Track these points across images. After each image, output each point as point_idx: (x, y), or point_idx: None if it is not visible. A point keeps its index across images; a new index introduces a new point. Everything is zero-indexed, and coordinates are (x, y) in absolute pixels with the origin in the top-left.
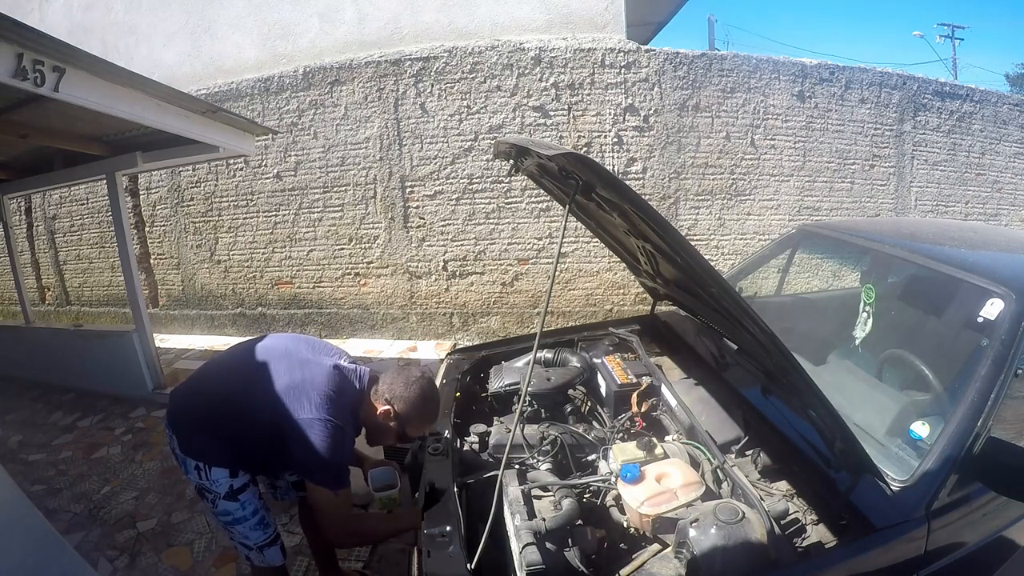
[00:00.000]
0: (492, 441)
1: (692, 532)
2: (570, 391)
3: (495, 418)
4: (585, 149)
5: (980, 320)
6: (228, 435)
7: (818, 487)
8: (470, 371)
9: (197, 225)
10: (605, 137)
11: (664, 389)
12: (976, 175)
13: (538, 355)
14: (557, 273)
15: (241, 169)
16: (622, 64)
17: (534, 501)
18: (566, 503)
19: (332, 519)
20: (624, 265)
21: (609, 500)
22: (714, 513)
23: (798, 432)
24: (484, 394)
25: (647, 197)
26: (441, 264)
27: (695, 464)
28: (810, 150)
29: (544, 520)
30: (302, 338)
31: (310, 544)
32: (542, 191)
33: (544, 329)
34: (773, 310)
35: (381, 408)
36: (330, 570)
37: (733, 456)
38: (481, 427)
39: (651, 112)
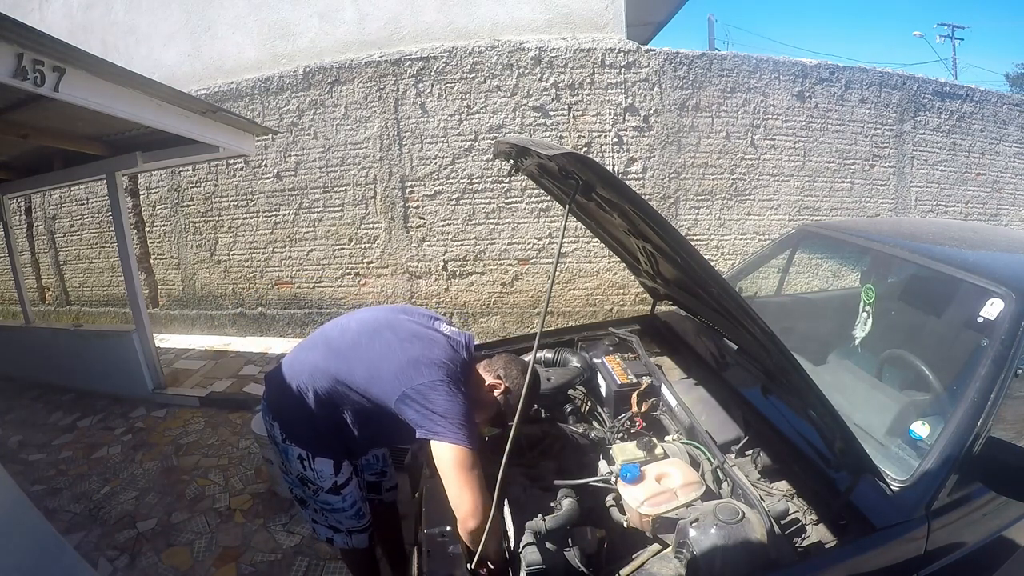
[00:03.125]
0: (492, 441)
1: (692, 532)
2: (570, 391)
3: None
4: (585, 149)
5: (980, 320)
6: (331, 418)
7: (818, 487)
8: None
9: (197, 225)
10: (605, 137)
11: (664, 389)
12: (976, 175)
13: (538, 355)
14: (557, 273)
15: (241, 169)
16: (622, 64)
17: (534, 501)
18: (566, 503)
19: (475, 491)
20: (624, 265)
21: (609, 500)
22: (714, 513)
23: (798, 432)
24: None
25: (647, 197)
26: (441, 264)
27: (695, 464)
28: (810, 150)
29: (544, 520)
30: (398, 307)
31: (380, 542)
32: (542, 191)
33: (544, 329)
34: (773, 310)
35: (492, 382)
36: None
37: (733, 456)
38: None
39: (651, 112)
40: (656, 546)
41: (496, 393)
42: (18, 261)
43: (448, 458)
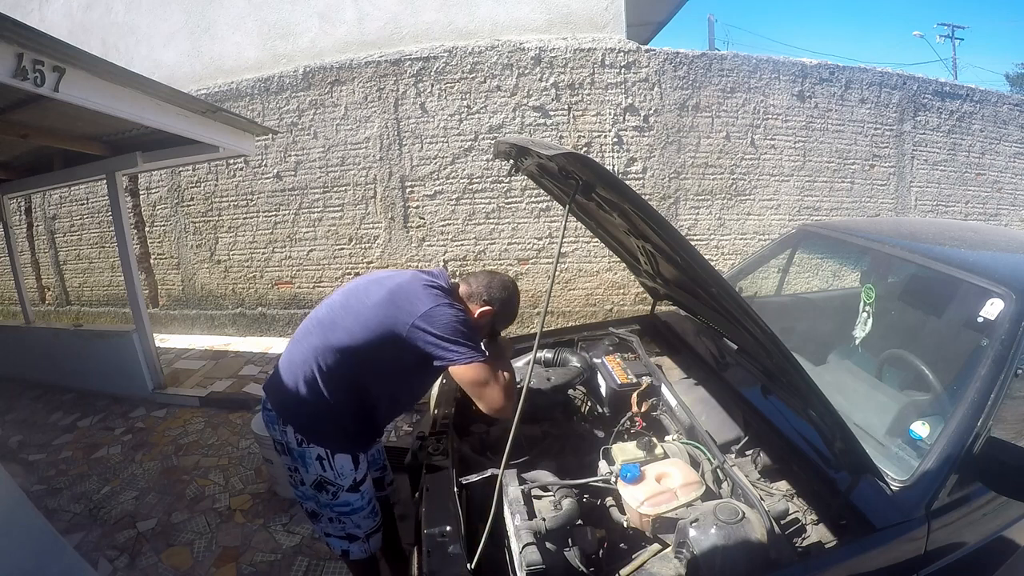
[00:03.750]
0: (492, 441)
1: (692, 532)
2: (570, 391)
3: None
4: (585, 149)
5: (980, 320)
6: (347, 398)
7: (818, 487)
8: None
9: (197, 225)
10: (605, 137)
11: (664, 389)
12: (976, 175)
13: (538, 355)
14: (557, 273)
15: (241, 169)
16: (622, 64)
17: (534, 501)
18: (566, 503)
19: (497, 386)
20: (624, 265)
21: (609, 500)
22: (714, 513)
23: (798, 432)
24: None
25: (647, 197)
26: (441, 264)
27: (695, 464)
28: (810, 150)
29: (544, 520)
30: (371, 273)
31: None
32: (542, 191)
33: (544, 329)
34: (773, 310)
35: (480, 308)
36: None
37: (733, 456)
38: (481, 427)
39: (651, 112)
40: (656, 546)
41: (482, 315)
42: (18, 261)
43: (467, 378)
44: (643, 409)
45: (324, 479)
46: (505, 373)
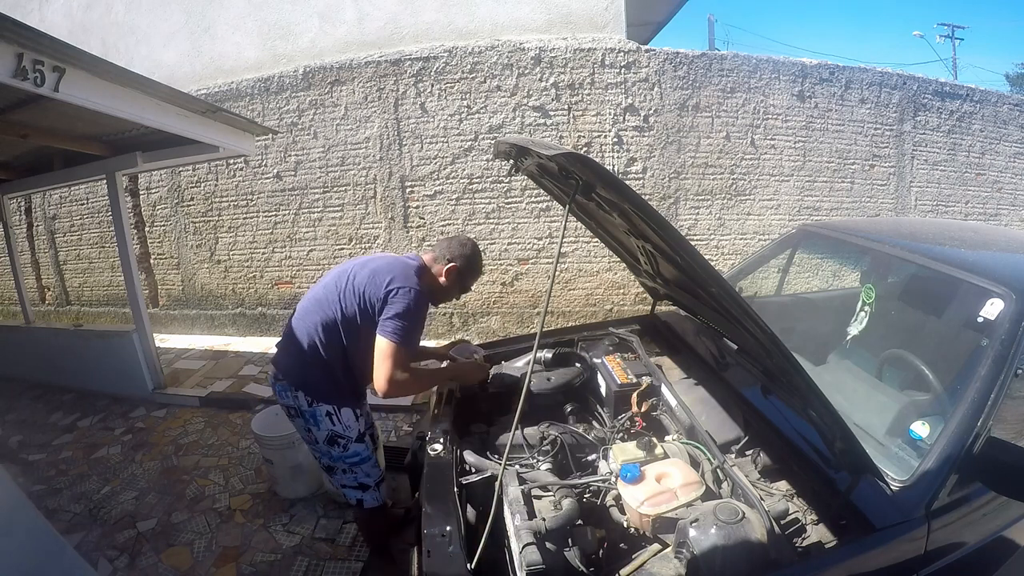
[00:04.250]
0: (492, 441)
1: (692, 532)
2: (567, 403)
3: (495, 418)
4: (585, 149)
5: (980, 320)
6: (344, 362)
7: (818, 487)
8: None
9: (197, 225)
10: (605, 137)
11: (664, 389)
12: (976, 175)
13: (538, 355)
14: (557, 273)
15: (241, 169)
16: (622, 64)
17: (534, 501)
18: (566, 503)
19: (388, 365)
20: (624, 265)
21: (609, 500)
22: (714, 513)
23: (798, 432)
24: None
25: (647, 197)
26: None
27: (695, 464)
28: (810, 150)
29: (544, 520)
30: (356, 258)
31: (363, 527)
32: (542, 191)
33: (544, 329)
34: (773, 310)
35: (447, 267)
36: (383, 553)
37: (733, 456)
38: (481, 427)
39: (651, 112)
40: (656, 546)
41: (448, 273)
42: (18, 261)
43: (379, 348)
44: (643, 409)
45: (334, 433)
46: (409, 371)
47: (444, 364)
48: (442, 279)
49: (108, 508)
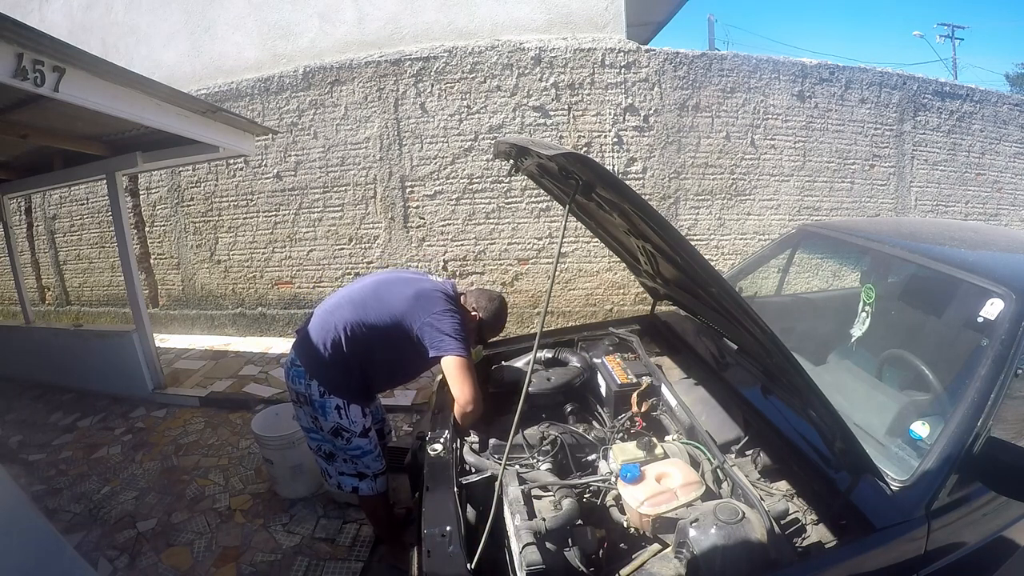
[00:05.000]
0: (492, 441)
1: (692, 532)
2: (568, 403)
3: (495, 418)
4: (585, 149)
5: (980, 320)
6: (363, 363)
7: (818, 487)
8: None
9: (197, 225)
10: (605, 137)
11: (664, 389)
12: (976, 175)
13: (538, 355)
14: (557, 273)
15: (241, 169)
16: (622, 64)
17: (534, 501)
18: (566, 503)
19: (467, 379)
20: (624, 265)
21: (609, 500)
22: (714, 513)
23: (798, 432)
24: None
25: (647, 197)
26: (441, 264)
27: (695, 464)
28: (810, 150)
29: (544, 520)
30: (394, 271)
31: (369, 516)
32: (542, 191)
33: (544, 329)
34: (773, 310)
35: (471, 315)
36: (392, 538)
37: (733, 456)
38: (481, 427)
39: (651, 112)
40: (656, 546)
41: (472, 324)
42: (18, 261)
43: (453, 365)
44: (643, 409)
45: (340, 426)
46: (478, 386)
47: None
48: (468, 320)
49: (108, 508)
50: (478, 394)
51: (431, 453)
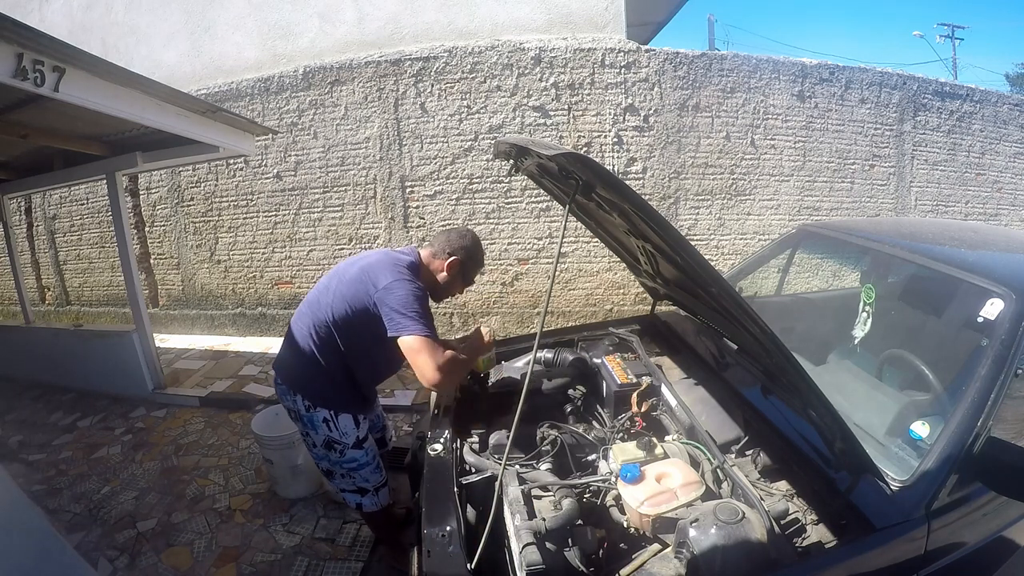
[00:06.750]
0: (492, 441)
1: (692, 532)
2: (570, 391)
3: (495, 418)
4: (585, 149)
5: (980, 320)
6: (341, 365)
7: (818, 487)
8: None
9: (197, 225)
10: (605, 137)
11: (664, 389)
12: (976, 175)
13: (538, 355)
14: (557, 273)
15: (241, 169)
16: (622, 64)
17: (534, 501)
18: (566, 503)
19: (424, 357)
20: (624, 265)
21: (609, 500)
22: (714, 513)
23: (798, 432)
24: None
25: (647, 197)
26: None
27: (695, 464)
28: (810, 150)
29: (544, 520)
30: (351, 257)
31: (370, 521)
32: (542, 191)
33: (544, 329)
34: (773, 310)
35: (448, 262)
36: (392, 539)
37: (733, 456)
38: (481, 427)
39: (651, 112)
40: (656, 546)
41: (450, 267)
42: (18, 261)
43: (406, 347)
44: (643, 409)
45: (331, 439)
46: (447, 352)
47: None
48: (443, 274)
49: (108, 508)
50: (442, 365)
51: (431, 453)
